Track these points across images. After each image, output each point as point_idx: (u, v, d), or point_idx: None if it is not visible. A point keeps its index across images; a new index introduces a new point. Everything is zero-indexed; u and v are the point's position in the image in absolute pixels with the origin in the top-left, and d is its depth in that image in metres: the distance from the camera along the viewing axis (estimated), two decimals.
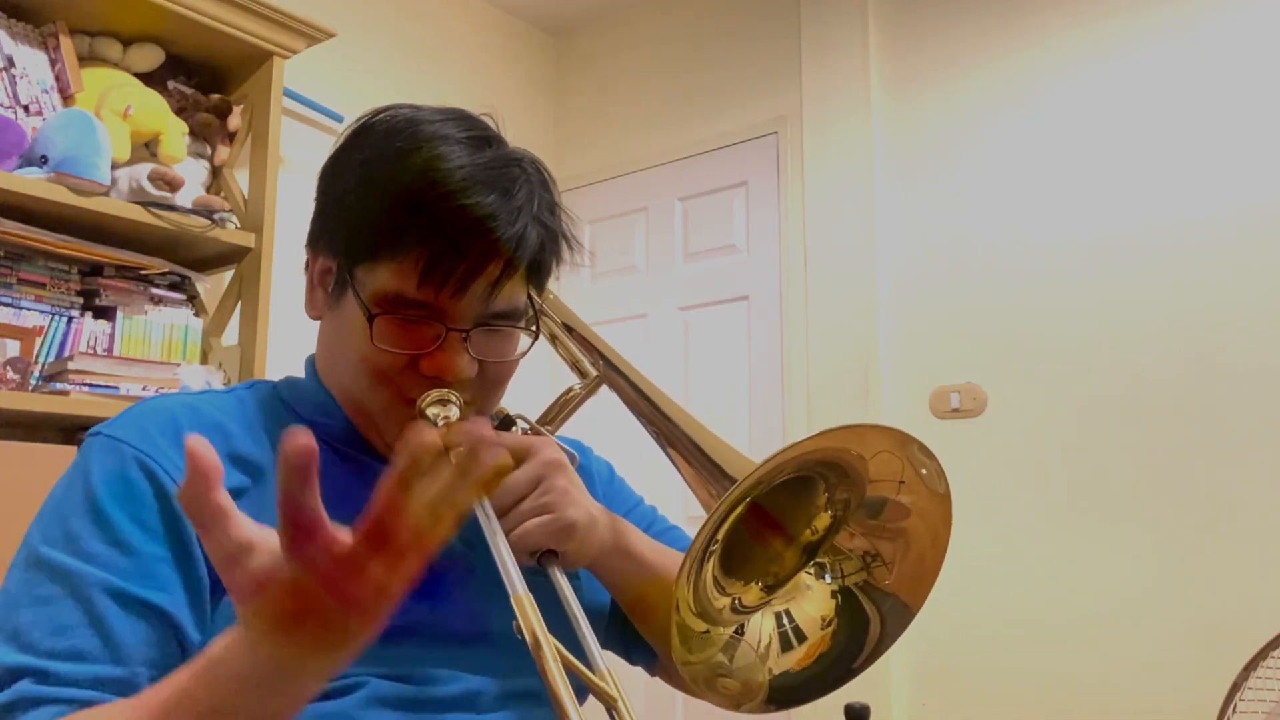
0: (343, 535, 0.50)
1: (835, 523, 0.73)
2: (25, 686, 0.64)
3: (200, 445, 0.51)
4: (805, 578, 0.74)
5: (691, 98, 3.15)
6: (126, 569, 0.68)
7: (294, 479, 0.49)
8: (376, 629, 0.54)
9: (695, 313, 3.05)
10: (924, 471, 0.70)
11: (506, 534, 0.73)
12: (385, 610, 0.53)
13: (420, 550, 0.51)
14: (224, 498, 0.52)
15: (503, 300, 0.79)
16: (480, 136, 0.81)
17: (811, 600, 0.73)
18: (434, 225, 0.75)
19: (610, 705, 0.64)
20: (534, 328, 0.83)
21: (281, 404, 0.85)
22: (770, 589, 0.73)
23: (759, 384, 2.88)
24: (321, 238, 0.83)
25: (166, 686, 0.58)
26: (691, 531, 1.00)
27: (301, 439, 0.48)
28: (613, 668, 0.68)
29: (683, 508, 2.43)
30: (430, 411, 0.77)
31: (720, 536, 0.67)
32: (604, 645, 0.91)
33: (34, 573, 0.69)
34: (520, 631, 0.63)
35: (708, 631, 0.69)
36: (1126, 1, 2.42)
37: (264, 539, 0.52)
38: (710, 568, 0.69)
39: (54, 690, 0.64)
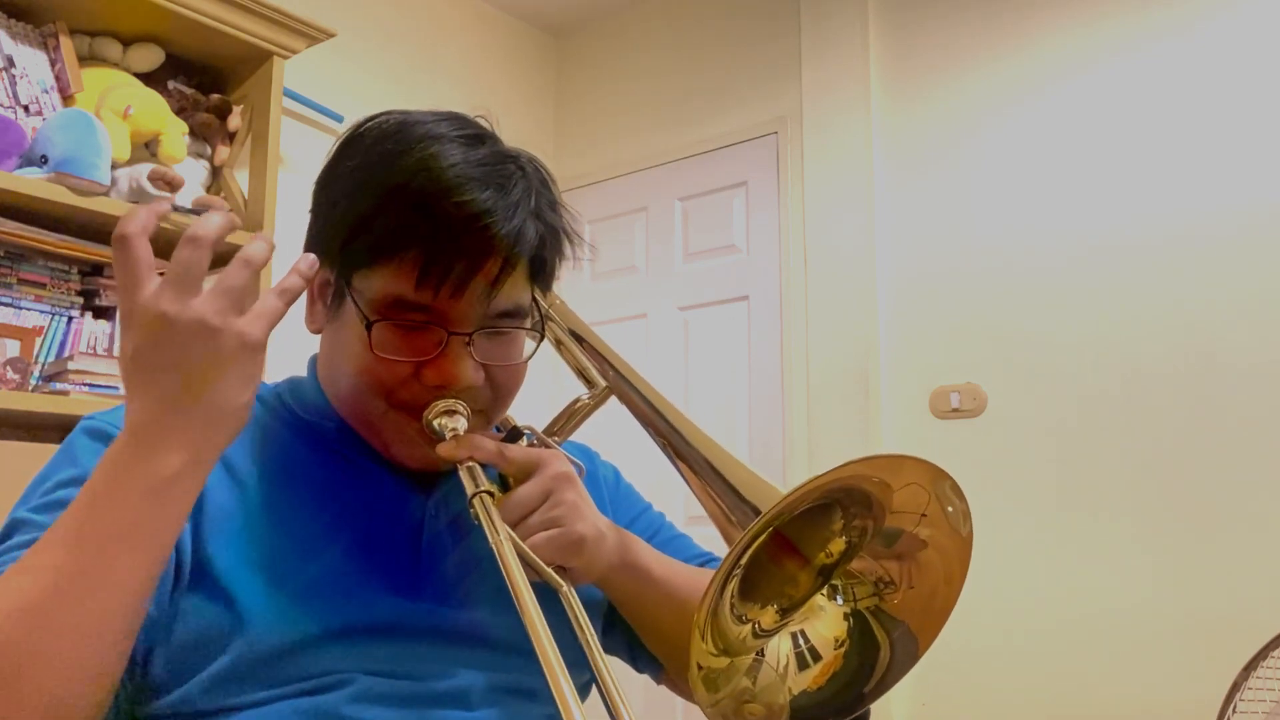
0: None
1: (851, 548, 0.72)
2: None
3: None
4: (819, 599, 0.73)
5: (691, 98, 3.15)
6: None
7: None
8: (236, 385, 0.62)
9: (695, 313, 3.05)
10: (949, 509, 0.68)
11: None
12: (235, 346, 0.62)
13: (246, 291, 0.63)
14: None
15: (504, 299, 0.77)
16: (474, 135, 0.79)
17: (825, 621, 0.72)
18: (429, 224, 0.74)
19: (556, 589, 0.72)
20: (539, 330, 0.82)
21: (281, 404, 0.85)
22: (786, 611, 0.73)
23: (759, 384, 2.88)
24: (317, 249, 0.81)
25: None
26: (696, 538, 1.00)
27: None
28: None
29: (684, 509, 2.43)
30: (437, 423, 0.76)
31: (741, 563, 0.67)
32: (608, 651, 0.90)
33: (12, 528, 0.70)
34: (476, 517, 0.70)
35: (730, 664, 0.69)
36: (1126, 2, 2.42)
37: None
38: (728, 598, 0.68)
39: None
